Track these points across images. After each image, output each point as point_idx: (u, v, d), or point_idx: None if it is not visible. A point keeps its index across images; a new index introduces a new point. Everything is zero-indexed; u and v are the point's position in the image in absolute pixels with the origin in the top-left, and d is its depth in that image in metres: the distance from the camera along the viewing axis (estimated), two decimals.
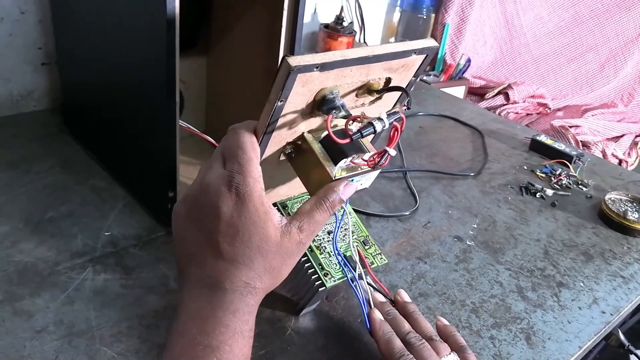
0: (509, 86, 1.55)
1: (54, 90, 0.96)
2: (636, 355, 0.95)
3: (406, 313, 0.56)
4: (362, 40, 1.41)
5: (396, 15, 1.52)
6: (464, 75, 1.49)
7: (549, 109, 1.60)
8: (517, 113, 1.53)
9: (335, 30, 1.25)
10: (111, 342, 0.53)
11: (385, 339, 0.52)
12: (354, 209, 0.76)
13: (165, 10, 0.55)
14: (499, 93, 1.55)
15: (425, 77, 1.40)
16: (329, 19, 1.29)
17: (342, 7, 1.26)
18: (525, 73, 1.70)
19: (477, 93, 1.57)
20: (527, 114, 1.56)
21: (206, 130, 0.86)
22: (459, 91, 1.47)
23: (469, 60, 1.46)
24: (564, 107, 1.67)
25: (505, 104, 1.53)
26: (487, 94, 1.54)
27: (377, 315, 0.54)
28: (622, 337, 0.89)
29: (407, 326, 0.54)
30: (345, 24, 1.26)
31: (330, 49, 1.19)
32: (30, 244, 0.64)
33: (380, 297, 0.56)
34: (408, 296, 0.58)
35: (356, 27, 1.38)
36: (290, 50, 0.70)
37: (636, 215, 0.84)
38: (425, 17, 1.47)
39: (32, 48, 0.91)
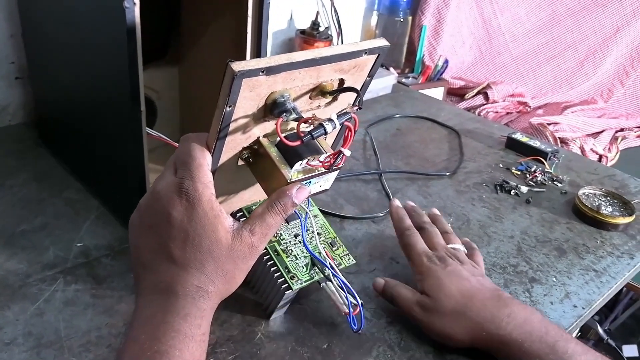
0: (488, 86, 1.56)
1: (28, 104, 0.96)
2: (617, 349, 0.95)
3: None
4: (339, 45, 1.41)
5: (374, 19, 1.53)
6: (442, 76, 1.50)
7: (529, 107, 1.61)
8: (497, 112, 1.54)
9: (311, 35, 1.25)
10: (80, 352, 0.53)
11: (398, 217, 0.65)
12: (325, 211, 0.77)
13: (125, 21, 0.55)
14: (478, 93, 1.56)
15: (403, 80, 1.41)
16: (306, 24, 1.29)
17: (317, 12, 1.26)
18: (505, 72, 1.71)
19: (457, 94, 1.58)
20: (507, 113, 1.57)
21: None
22: (438, 92, 1.47)
23: (446, 62, 1.47)
24: (544, 105, 1.68)
25: (485, 104, 1.54)
26: (467, 94, 1.55)
27: (396, 202, 0.68)
28: (600, 331, 0.90)
29: (426, 219, 0.67)
30: (321, 29, 1.26)
31: None
32: (1, 258, 0.64)
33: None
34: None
35: (333, 32, 1.38)
36: (257, 56, 0.70)
37: (610, 209, 0.85)
38: (402, 19, 1.48)
39: (5, 63, 0.91)
